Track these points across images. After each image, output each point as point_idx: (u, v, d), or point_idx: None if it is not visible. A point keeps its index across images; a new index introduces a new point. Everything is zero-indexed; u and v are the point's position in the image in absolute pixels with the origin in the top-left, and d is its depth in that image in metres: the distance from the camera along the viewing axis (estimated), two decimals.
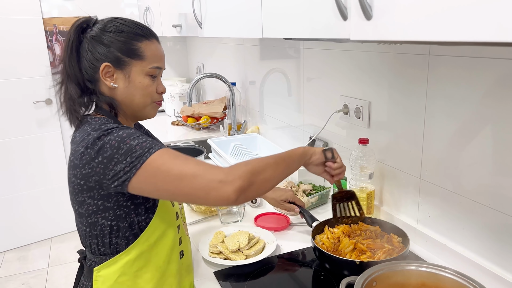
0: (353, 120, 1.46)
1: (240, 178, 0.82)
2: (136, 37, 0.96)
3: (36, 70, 3.07)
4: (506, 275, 0.98)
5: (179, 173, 0.82)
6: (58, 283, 2.76)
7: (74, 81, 0.97)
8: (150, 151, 0.83)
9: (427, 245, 1.19)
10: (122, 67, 0.95)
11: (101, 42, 0.94)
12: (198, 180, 0.81)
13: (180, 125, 2.85)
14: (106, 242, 0.94)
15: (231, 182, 0.81)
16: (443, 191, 1.14)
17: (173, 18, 2.30)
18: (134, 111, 1.00)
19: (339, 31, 0.86)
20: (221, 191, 0.80)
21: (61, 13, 3.14)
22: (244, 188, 0.82)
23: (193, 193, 0.82)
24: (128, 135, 0.86)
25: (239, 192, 0.81)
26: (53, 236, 3.35)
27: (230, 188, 0.80)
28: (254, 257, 1.17)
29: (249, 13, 1.29)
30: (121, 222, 0.93)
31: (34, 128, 3.14)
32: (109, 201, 0.91)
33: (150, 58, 0.97)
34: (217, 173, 0.82)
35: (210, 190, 0.81)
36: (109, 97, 0.97)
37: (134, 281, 0.96)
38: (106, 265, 0.95)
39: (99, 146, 0.85)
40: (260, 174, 0.86)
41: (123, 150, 0.84)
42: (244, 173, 0.83)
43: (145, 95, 0.98)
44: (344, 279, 0.92)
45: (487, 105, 0.97)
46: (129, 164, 0.83)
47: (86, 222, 0.94)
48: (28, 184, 3.18)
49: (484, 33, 0.53)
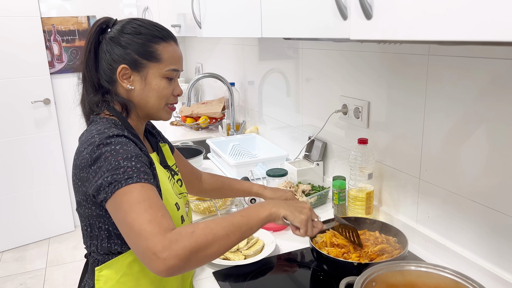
0: (352, 120, 1.46)
1: (176, 257, 0.75)
2: (154, 39, 0.96)
3: (34, 70, 3.06)
4: (505, 275, 0.98)
5: (130, 222, 0.78)
6: (56, 283, 2.75)
7: (90, 81, 0.99)
8: (127, 181, 0.81)
9: (426, 245, 1.20)
10: (139, 69, 0.95)
11: (118, 43, 0.95)
12: (139, 242, 0.77)
13: (179, 125, 2.84)
14: (104, 245, 0.94)
15: (164, 260, 0.74)
16: (442, 191, 1.14)
17: (172, 18, 2.30)
18: (149, 113, 1.01)
19: (339, 31, 0.86)
20: (153, 264, 0.75)
21: (59, 13, 3.14)
22: (178, 266, 0.76)
23: (134, 249, 0.79)
24: (123, 152, 0.85)
25: (171, 270, 0.75)
26: (51, 237, 3.35)
27: (161, 266, 0.75)
28: (253, 257, 1.17)
29: (248, 12, 1.29)
30: (117, 229, 0.92)
31: (32, 128, 3.13)
32: (101, 210, 0.90)
33: (167, 61, 0.97)
34: (157, 243, 0.75)
35: (144, 258, 0.76)
36: (125, 98, 0.97)
37: (136, 282, 0.96)
38: (108, 265, 0.95)
39: (97, 154, 0.85)
40: (202, 251, 0.78)
41: (111, 166, 0.83)
42: (183, 251, 0.75)
43: (161, 97, 0.98)
44: (344, 279, 0.92)
45: (486, 105, 0.97)
46: (108, 184, 0.82)
47: (87, 222, 0.94)
48: (26, 184, 3.18)
49: (484, 32, 0.53)
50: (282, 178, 1.56)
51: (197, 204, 1.47)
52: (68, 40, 3.20)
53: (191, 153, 1.97)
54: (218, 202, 1.46)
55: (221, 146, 2.07)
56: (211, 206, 1.46)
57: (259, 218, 0.89)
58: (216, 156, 2.03)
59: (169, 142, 1.21)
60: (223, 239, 0.81)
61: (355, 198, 1.35)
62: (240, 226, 0.84)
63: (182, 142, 2.26)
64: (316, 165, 1.63)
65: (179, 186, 1.09)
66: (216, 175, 1.33)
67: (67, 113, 3.28)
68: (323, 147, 1.65)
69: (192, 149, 2.03)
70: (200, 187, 1.30)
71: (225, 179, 1.33)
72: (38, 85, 3.09)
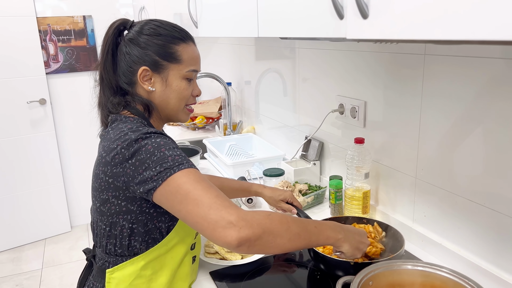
0: (348, 120, 1.46)
1: (251, 227, 0.76)
2: (174, 40, 0.96)
3: (30, 70, 3.05)
4: (502, 274, 0.98)
5: (197, 198, 0.78)
6: (52, 284, 2.74)
7: (108, 83, 0.98)
8: (180, 167, 0.81)
9: (423, 244, 1.20)
10: (159, 70, 0.95)
11: (138, 44, 0.95)
12: (211, 213, 0.76)
13: (176, 125, 2.84)
14: (125, 244, 0.93)
15: (240, 228, 0.75)
16: (438, 191, 1.14)
17: (169, 18, 2.29)
18: (169, 115, 1.01)
19: (335, 30, 0.86)
20: (226, 232, 0.75)
21: (55, 13, 3.12)
22: (249, 240, 0.76)
23: (202, 223, 0.77)
24: (165, 143, 0.85)
25: (242, 241, 0.75)
26: (47, 237, 3.33)
27: (235, 234, 0.75)
28: (250, 257, 1.17)
29: (244, 12, 1.29)
30: (141, 227, 0.91)
31: (27, 128, 3.12)
32: (133, 204, 0.89)
33: (187, 61, 0.97)
34: (232, 213, 0.76)
35: (217, 227, 0.76)
36: (146, 99, 0.97)
37: (148, 285, 0.95)
38: (122, 267, 0.93)
39: (135, 148, 0.84)
40: (273, 236, 0.79)
41: (156, 157, 0.82)
42: (258, 225, 0.77)
43: (181, 98, 0.98)
44: (340, 279, 0.92)
45: (483, 105, 0.98)
46: (157, 173, 0.81)
47: (107, 221, 0.93)
48: (22, 185, 3.16)
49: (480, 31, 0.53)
50: (279, 177, 1.56)
51: None
52: (64, 40, 3.19)
53: (188, 153, 1.97)
54: None
55: (218, 146, 2.07)
56: None
57: (327, 238, 0.90)
58: (213, 156, 2.03)
59: None
60: (295, 236, 0.82)
61: (352, 197, 1.35)
62: (311, 234, 0.86)
63: (179, 142, 2.26)
64: (313, 164, 1.63)
65: None
66: (214, 176, 1.33)
67: (63, 114, 3.27)
68: (320, 146, 1.65)
69: (189, 149, 2.02)
70: None
71: (223, 179, 1.32)
72: (34, 85, 3.08)
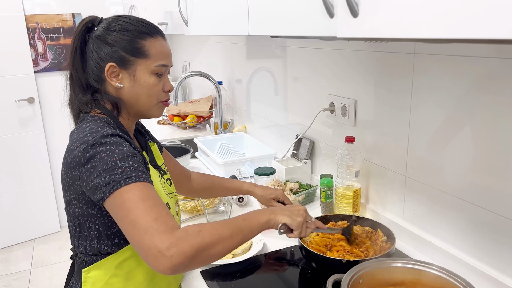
0: (339, 118, 1.46)
1: (182, 254, 0.75)
2: (141, 35, 0.95)
3: (18, 68, 3.01)
4: (490, 270, 0.99)
5: (135, 219, 0.78)
6: (41, 285, 2.71)
7: (77, 81, 0.97)
8: (127, 180, 0.81)
9: (413, 242, 1.21)
10: (127, 66, 0.94)
11: (105, 42, 0.94)
12: (144, 239, 0.76)
13: (166, 124, 2.82)
14: (94, 246, 0.92)
15: (171, 257, 0.74)
16: (428, 189, 1.15)
17: (159, 16, 2.28)
18: (139, 111, 1.00)
19: (326, 29, 0.86)
20: (158, 262, 0.74)
21: (43, 10, 3.08)
22: (183, 263, 0.76)
23: (136, 247, 0.77)
24: (119, 152, 0.84)
25: (176, 267, 0.75)
26: (36, 237, 3.30)
27: (167, 263, 0.74)
28: (241, 255, 1.17)
29: (235, 10, 1.28)
30: (107, 230, 0.91)
31: (16, 127, 3.08)
32: (93, 209, 0.89)
33: (155, 56, 0.96)
34: (164, 240, 0.75)
35: (149, 255, 0.75)
36: (115, 97, 0.96)
37: (125, 283, 0.94)
38: (97, 266, 0.93)
39: (91, 154, 0.83)
40: (207, 250, 0.79)
41: (107, 167, 0.81)
42: (189, 249, 0.76)
43: (151, 94, 0.97)
44: (331, 277, 0.92)
45: (471, 103, 0.99)
46: (105, 184, 0.81)
47: (76, 222, 0.93)
48: (11, 184, 3.12)
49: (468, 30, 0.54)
50: (270, 176, 1.56)
51: (185, 203, 1.46)
52: (52, 38, 3.15)
53: (178, 152, 1.96)
54: (205, 201, 1.45)
55: (209, 145, 2.07)
56: (199, 205, 1.45)
57: (259, 223, 0.92)
58: (203, 155, 2.02)
59: (157, 141, 1.20)
60: (227, 239, 0.83)
61: (343, 196, 1.35)
62: (242, 229, 0.87)
63: (170, 141, 2.25)
64: (303, 163, 1.64)
65: (168, 185, 1.08)
66: (205, 174, 1.32)
67: (52, 112, 3.23)
68: (311, 145, 1.65)
69: (180, 148, 2.01)
70: (190, 186, 1.29)
71: (215, 178, 1.32)
72: (22, 84, 3.04)
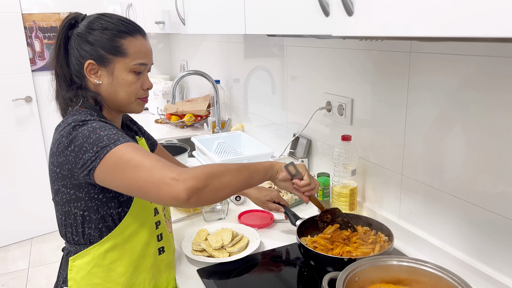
0: (336, 117, 1.46)
1: (194, 178, 0.79)
2: (120, 34, 0.96)
3: (15, 67, 3.00)
4: (485, 268, 1.00)
5: (137, 163, 0.81)
6: (38, 284, 2.71)
7: (62, 77, 1.00)
8: (116, 143, 0.84)
9: (409, 240, 1.21)
10: (105, 64, 0.96)
11: (86, 40, 0.96)
12: (153, 173, 0.80)
13: (164, 123, 2.82)
14: (79, 231, 0.95)
15: (184, 181, 0.78)
16: (424, 187, 1.15)
17: (156, 15, 2.28)
18: (119, 107, 1.02)
19: (321, 28, 0.86)
20: (172, 187, 0.78)
21: (41, 9, 3.08)
22: (197, 189, 0.79)
23: (146, 186, 0.80)
24: (100, 126, 0.87)
25: (191, 192, 0.78)
26: (33, 237, 3.29)
27: (182, 186, 0.78)
28: (237, 254, 1.17)
29: (232, 9, 1.28)
30: (93, 214, 0.94)
31: (13, 127, 3.07)
32: (81, 191, 0.92)
33: (133, 55, 0.97)
34: (173, 170, 0.80)
35: (161, 185, 0.78)
36: (95, 93, 0.99)
37: (107, 273, 0.97)
38: (81, 256, 0.96)
39: (73, 135, 0.87)
40: (218, 178, 0.83)
41: (92, 139, 0.85)
42: (200, 174, 0.81)
43: (129, 92, 0.99)
44: (327, 275, 0.92)
45: (467, 102, 0.99)
46: (95, 153, 0.84)
47: (62, 211, 0.96)
48: (8, 183, 3.11)
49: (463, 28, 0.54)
50: None
51: None
52: (50, 37, 3.14)
53: (176, 151, 1.96)
54: None
55: (206, 143, 2.06)
56: None
57: (263, 165, 1.02)
58: (201, 154, 2.02)
59: (151, 137, 1.21)
60: (234, 172, 0.89)
61: (339, 194, 1.35)
62: (248, 167, 0.95)
63: (167, 140, 2.25)
64: (300, 162, 1.64)
65: None
66: None
67: (49, 111, 3.20)
68: (308, 144, 1.66)
69: (177, 147, 2.01)
70: None
71: None
72: (19, 83, 3.03)
